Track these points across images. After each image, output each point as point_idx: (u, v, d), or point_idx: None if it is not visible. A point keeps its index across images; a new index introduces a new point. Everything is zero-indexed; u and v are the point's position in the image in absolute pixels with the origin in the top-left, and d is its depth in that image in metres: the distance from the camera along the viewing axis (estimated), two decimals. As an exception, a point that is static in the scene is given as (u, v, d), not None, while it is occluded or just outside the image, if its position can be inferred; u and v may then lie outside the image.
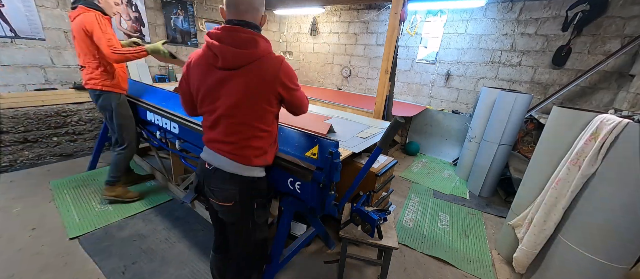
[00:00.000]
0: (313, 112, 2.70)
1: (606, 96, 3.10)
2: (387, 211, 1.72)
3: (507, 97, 2.87)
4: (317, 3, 4.46)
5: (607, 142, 1.43)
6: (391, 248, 1.56)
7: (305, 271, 1.91)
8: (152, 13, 3.77)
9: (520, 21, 3.45)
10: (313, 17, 5.34)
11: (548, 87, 3.43)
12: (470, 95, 4.06)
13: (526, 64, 3.51)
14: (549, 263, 1.75)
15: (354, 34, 4.95)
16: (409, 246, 2.23)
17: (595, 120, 1.54)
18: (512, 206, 2.15)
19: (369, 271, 1.96)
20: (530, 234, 1.80)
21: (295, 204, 1.51)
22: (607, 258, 1.50)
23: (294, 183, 1.40)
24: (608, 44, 2.99)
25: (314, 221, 1.92)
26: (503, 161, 3.04)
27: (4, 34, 2.70)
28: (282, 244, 1.58)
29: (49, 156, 3.11)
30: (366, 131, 2.13)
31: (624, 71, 2.93)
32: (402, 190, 3.19)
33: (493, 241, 2.40)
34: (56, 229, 2.07)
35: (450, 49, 4.07)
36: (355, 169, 2.09)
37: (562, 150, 1.72)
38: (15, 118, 2.79)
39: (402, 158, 4.25)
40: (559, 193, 1.65)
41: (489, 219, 2.74)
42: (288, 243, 1.81)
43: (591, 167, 1.50)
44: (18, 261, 1.77)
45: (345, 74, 5.27)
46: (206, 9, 4.42)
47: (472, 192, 3.26)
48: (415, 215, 2.69)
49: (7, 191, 2.51)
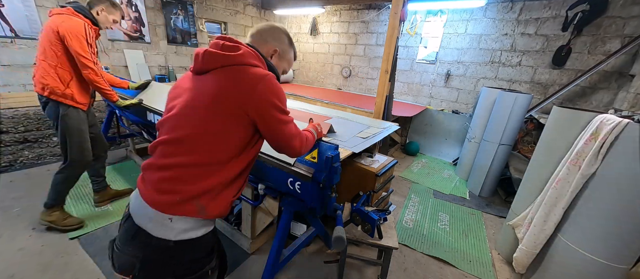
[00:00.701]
0: (313, 112, 2.70)
1: (606, 96, 3.10)
2: (387, 211, 1.72)
3: (507, 97, 2.87)
4: (317, 3, 4.46)
5: (607, 142, 1.43)
6: (391, 248, 1.56)
7: (305, 271, 1.91)
8: (152, 13, 3.77)
9: (520, 21, 3.45)
10: (313, 17, 5.34)
11: (548, 87, 3.43)
12: (470, 95, 4.06)
13: (526, 64, 3.51)
14: (549, 263, 1.75)
15: (354, 34, 4.95)
16: (409, 246, 2.23)
17: (595, 120, 1.54)
18: (512, 206, 2.15)
19: (369, 271, 1.95)
20: (530, 234, 1.80)
21: (295, 204, 1.51)
22: (607, 258, 1.50)
23: (294, 183, 1.40)
24: (608, 44, 2.99)
25: (314, 221, 1.92)
26: (503, 161, 3.04)
27: (4, 34, 2.70)
28: (282, 244, 1.58)
29: (49, 156, 3.10)
30: (366, 131, 2.13)
31: (624, 71, 2.93)
32: (402, 190, 3.19)
33: (493, 241, 2.40)
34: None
35: (450, 49, 4.07)
36: (356, 169, 2.09)
37: (562, 150, 1.72)
38: (15, 118, 2.79)
39: (402, 158, 4.25)
40: (559, 193, 1.65)
41: (489, 219, 2.74)
42: (288, 243, 1.81)
43: (591, 167, 1.50)
44: (18, 261, 1.77)
45: (345, 74, 5.27)
46: (206, 9, 4.42)
47: (472, 192, 3.26)
48: (415, 215, 2.69)
49: (7, 191, 2.50)
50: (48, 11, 1.82)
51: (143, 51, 3.79)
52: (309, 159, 1.35)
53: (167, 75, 4.10)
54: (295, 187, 1.40)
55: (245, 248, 2.02)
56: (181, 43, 4.21)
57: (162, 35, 3.95)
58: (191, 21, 4.24)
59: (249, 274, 1.85)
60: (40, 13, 2.87)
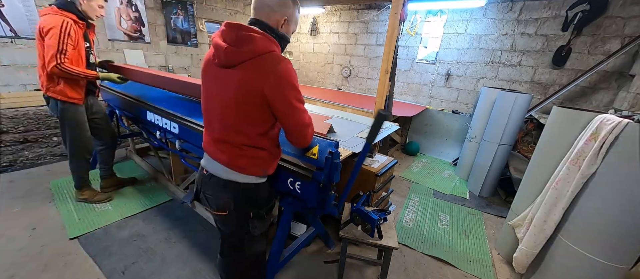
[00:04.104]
0: (313, 112, 2.70)
1: (606, 96, 3.10)
2: (387, 211, 1.72)
3: (507, 97, 2.87)
4: (317, 3, 4.46)
5: (607, 142, 1.43)
6: (391, 248, 1.56)
7: (305, 271, 1.91)
8: (152, 13, 3.77)
9: (520, 21, 3.45)
10: (313, 17, 5.34)
11: (548, 87, 3.43)
12: (470, 95, 4.06)
13: (526, 64, 3.51)
14: (549, 263, 1.75)
15: (354, 34, 4.95)
16: (409, 246, 2.23)
17: (595, 120, 1.54)
18: (512, 206, 2.15)
19: (369, 271, 1.95)
20: (530, 234, 1.81)
21: (295, 204, 1.51)
22: (607, 258, 1.50)
23: (294, 183, 1.40)
24: (608, 44, 2.99)
25: (314, 221, 1.92)
26: (503, 161, 3.04)
27: (4, 34, 2.70)
28: (282, 244, 1.58)
29: (49, 156, 3.10)
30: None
31: (624, 71, 2.93)
32: (402, 190, 3.19)
33: (493, 241, 2.40)
34: (56, 229, 2.07)
35: (450, 49, 4.07)
36: (355, 169, 2.09)
37: (562, 150, 1.71)
38: (15, 118, 2.79)
39: (402, 158, 4.25)
40: (559, 193, 1.65)
41: (489, 219, 2.74)
42: (288, 243, 1.81)
43: (591, 167, 1.50)
44: (18, 261, 1.77)
45: (345, 74, 5.27)
46: (206, 9, 4.42)
47: (472, 192, 3.26)
48: (415, 215, 2.69)
49: (7, 191, 2.50)
50: (39, 12, 1.87)
51: (143, 51, 3.79)
52: (310, 155, 1.35)
53: (167, 75, 4.09)
54: (295, 187, 1.40)
55: (245, 248, 2.02)
56: (181, 43, 4.21)
57: (162, 35, 3.95)
58: (191, 21, 4.24)
59: (249, 274, 1.84)
60: (40, 13, 2.87)
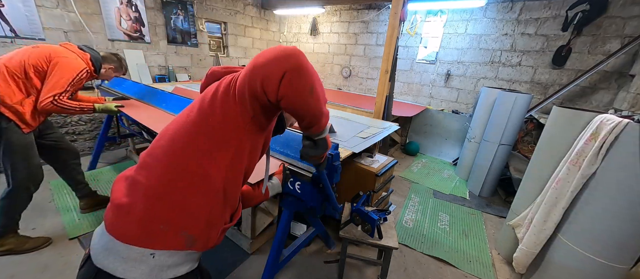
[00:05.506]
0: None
1: (606, 96, 3.10)
2: (387, 211, 1.72)
3: (507, 97, 2.87)
4: (317, 3, 4.46)
5: (607, 142, 1.43)
6: (391, 247, 1.56)
7: (305, 271, 1.91)
8: (152, 13, 3.77)
9: (520, 21, 3.45)
10: (313, 17, 5.34)
11: (548, 87, 3.43)
12: (470, 95, 4.06)
13: (526, 64, 3.51)
14: (549, 263, 1.75)
15: (354, 34, 4.95)
16: (409, 246, 2.23)
17: (595, 120, 1.54)
18: (512, 206, 2.15)
19: (369, 271, 1.95)
20: (530, 234, 1.80)
21: (295, 204, 1.51)
22: (607, 258, 1.50)
23: (294, 183, 1.40)
24: (608, 44, 2.99)
25: (314, 221, 1.92)
26: (503, 161, 3.04)
27: (4, 34, 2.70)
28: (282, 244, 1.58)
29: (49, 156, 3.10)
30: (366, 131, 2.13)
31: (624, 71, 2.93)
32: (402, 190, 3.19)
33: (493, 241, 2.40)
34: (56, 229, 2.07)
35: (450, 49, 4.07)
36: (356, 169, 2.09)
37: (562, 150, 1.71)
38: (15, 118, 2.78)
39: (402, 158, 4.25)
40: (559, 193, 1.65)
41: (489, 219, 2.74)
42: (288, 243, 1.81)
43: (591, 167, 1.50)
44: (18, 261, 1.77)
45: (345, 74, 5.27)
46: (206, 9, 4.42)
47: (472, 192, 3.26)
48: (415, 215, 2.69)
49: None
50: (61, 44, 1.81)
51: (143, 51, 3.79)
52: None
53: (167, 75, 4.10)
54: (295, 187, 1.40)
55: (245, 248, 2.02)
56: (181, 43, 4.21)
57: (162, 35, 3.95)
58: (191, 21, 4.24)
59: (249, 274, 1.84)
60: (40, 13, 2.87)
